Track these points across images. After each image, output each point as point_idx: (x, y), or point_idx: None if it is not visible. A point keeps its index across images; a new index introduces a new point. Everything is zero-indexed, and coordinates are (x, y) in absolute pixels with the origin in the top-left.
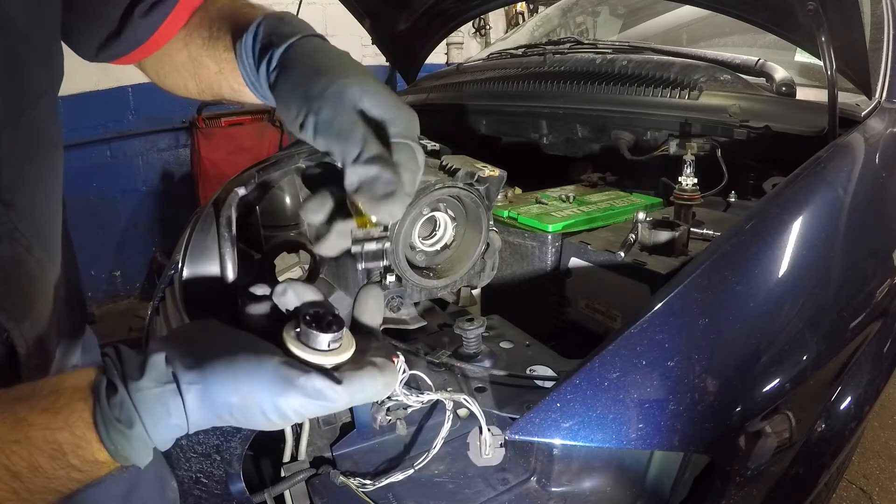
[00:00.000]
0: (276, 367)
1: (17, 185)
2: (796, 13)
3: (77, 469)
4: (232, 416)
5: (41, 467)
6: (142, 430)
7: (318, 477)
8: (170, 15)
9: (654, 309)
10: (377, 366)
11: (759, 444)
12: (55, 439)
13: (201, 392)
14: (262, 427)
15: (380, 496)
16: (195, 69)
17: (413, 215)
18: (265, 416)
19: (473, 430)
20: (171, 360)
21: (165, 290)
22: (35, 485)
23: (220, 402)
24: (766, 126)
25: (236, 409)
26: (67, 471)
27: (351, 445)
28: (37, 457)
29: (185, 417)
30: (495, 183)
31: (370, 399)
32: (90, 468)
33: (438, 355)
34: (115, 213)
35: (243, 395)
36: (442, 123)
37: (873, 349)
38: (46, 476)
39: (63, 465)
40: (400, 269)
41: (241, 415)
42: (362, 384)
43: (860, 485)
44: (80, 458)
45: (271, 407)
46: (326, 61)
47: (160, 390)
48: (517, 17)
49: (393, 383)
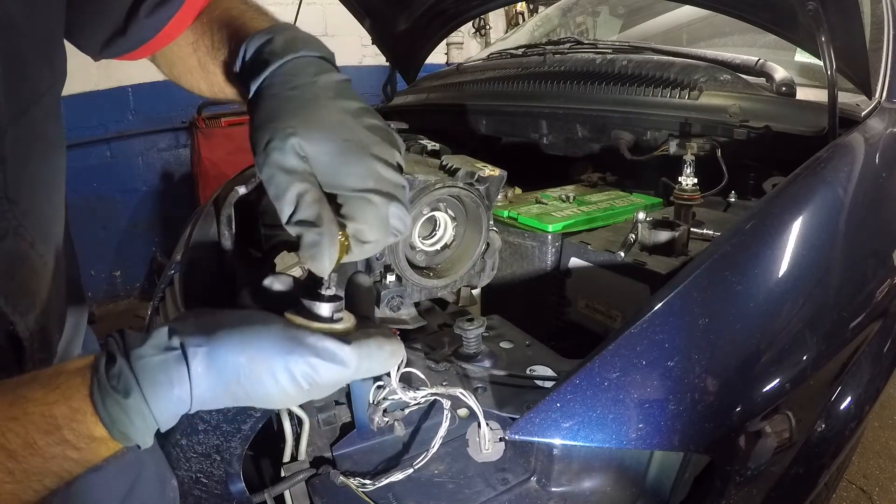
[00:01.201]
0: (284, 328)
1: (21, 182)
2: (796, 13)
3: (72, 446)
4: (240, 382)
5: (36, 444)
6: (140, 401)
7: (318, 477)
8: (175, 15)
9: (654, 309)
10: (383, 335)
11: (759, 444)
12: (51, 413)
13: (207, 355)
14: (272, 398)
15: (380, 496)
16: (206, 74)
17: (413, 215)
18: (275, 380)
19: (472, 426)
20: (175, 330)
21: (165, 290)
22: (31, 465)
23: (228, 364)
24: (766, 126)
25: (244, 372)
26: (63, 448)
27: (351, 445)
28: (32, 433)
29: (190, 387)
30: (495, 183)
31: (379, 368)
32: (86, 445)
33: (438, 355)
34: (115, 213)
35: (251, 356)
36: (442, 123)
37: (873, 349)
38: (42, 455)
39: (58, 441)
40: (400, 269)
41: (249, 381)
42: (370, 349)
43: (860, 485)
44: (76, 433)
45: (281, 367)
46: (280, 106)
47: (162, 357)
48: (517, 17)
49: (400, 353)
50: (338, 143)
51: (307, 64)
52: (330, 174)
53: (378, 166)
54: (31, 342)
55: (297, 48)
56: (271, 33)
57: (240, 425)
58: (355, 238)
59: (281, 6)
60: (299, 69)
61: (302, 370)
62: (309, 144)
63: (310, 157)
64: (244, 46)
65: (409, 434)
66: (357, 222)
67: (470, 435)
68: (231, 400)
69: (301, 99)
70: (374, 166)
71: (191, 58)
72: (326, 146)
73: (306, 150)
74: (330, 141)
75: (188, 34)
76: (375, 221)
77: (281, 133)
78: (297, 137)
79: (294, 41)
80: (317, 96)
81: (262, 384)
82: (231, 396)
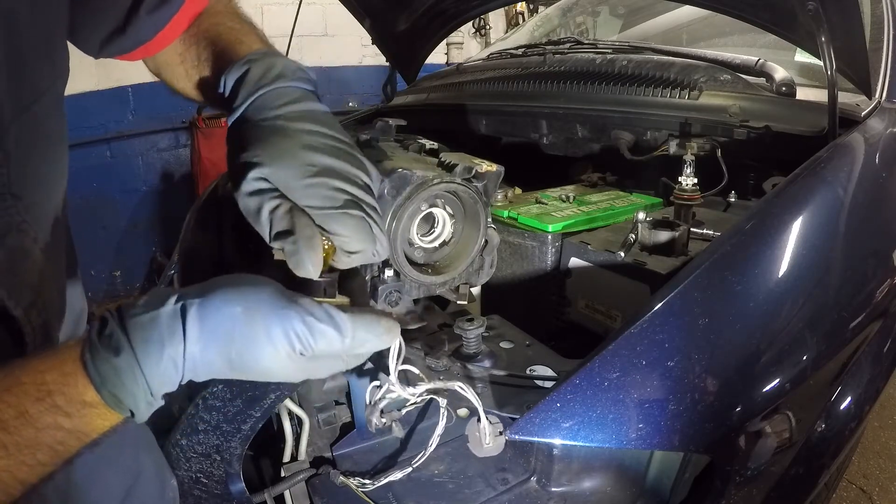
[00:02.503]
0: (280, 288)
1: (25, 178)
2: (796, 13)
3: (64, 412)
4: (234, 340)
5: (28, 413)
6: (131, 359)
7: (318, 477)
8: (174, 17)
9: (654, 309)
10: (377, 312)
11: (759, 444)
12: (42, 380)
13: (201, 307)
14: (265, 363)
15: (380, 496)
16: (192, 84)
17: (411, 211)
18: (269, 339)
19: (472, 421)
20: (170, 291)
21: None
22: (23, 437)
23: (223, 317)
24: (766, 126)
25: (239, 329)
26: (54, 415)
27: (351, 445)
28: (24, 401)
29: (183, 344)
30: (493, 178)
31: (374, 342)
32: (77, 412)
33: (438, 355)
34: (115, 213)
35: (247, 308)
36: (442, 123)
37: (873, 349)
38: (34, 425)
39: (49, 408)
40: (398, 265)
41: (243, 339)
42: (365, 320)
43: (860, 485)
44: (66, 398)
45: (276, 323)
46: (248, 137)
47: (154, 313)
48: (517, 17)
49: (395, 330)
50: (302, 168)
51: (278, 95)
52: (298, 197)
53: (345, 185)
54: (34, 337)
55: (271, 80)
56: (248, 64)
57: (240, 425)
58: (342, 250)
59: (281, 6)
60: (270, 101)
61: (297, 328)
62: (273, 171)
63: (277, 183)
64: (224, 78)
65: (408, 434)
66: (338, 235)
67: (470, 430)
68: (225, 363)
69: (269, 129)
70: (341, 185)
71: (178, 67)
72: (291, 171)
73: (272, 177)
74: (293, 167)
75: (177, 44)
76: (356, 231)
77: (247, 164)
78: (262, 167)
79: (268, 73)
80: (284, 126)
81: (257, 343)
82: (225, 359)
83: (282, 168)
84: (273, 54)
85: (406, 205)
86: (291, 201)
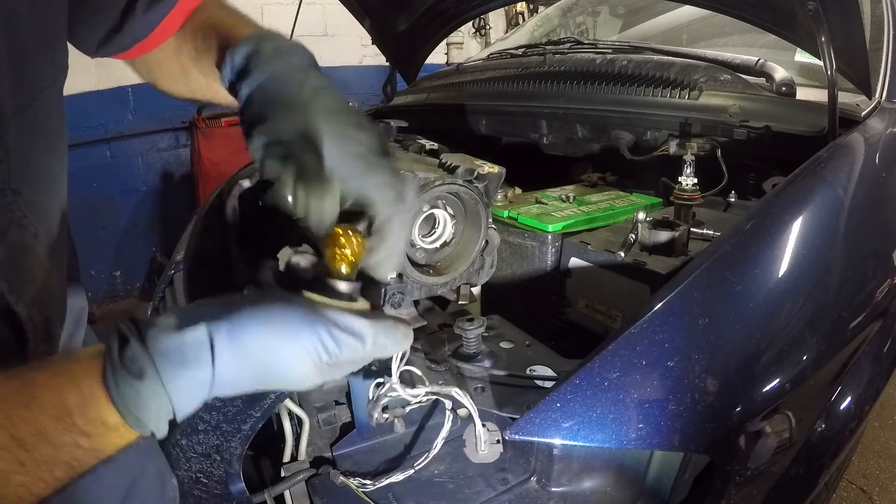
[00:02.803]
0: (304, 302)
1: (25, 174)
2: (796, 13)
3: (83, 433)
4: (262, 357)
5: (46, 431)
6: (156, 383)
7: (318, 477)
8: (169, 13)
9: (654, 309)
10: (394, 318)
11: (759, 444)
12: (61, 399)
13: (231, 334)
14: (292, 374)
15: (380, 496)
16: (187, 79)
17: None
18: (299, 357)
19: (469, 427)
20: (192, 311)
21: (165, 289)
22: (41, 454)
23: (253, 338)
24: (766, 126)
25: (269, 349)
26: (73, 435)
27: (351, 445)
28: (42, 420)
29: (212, 366)
30: (494, 180)
31: (392, 347)
32: (98, 433)
33: (438, 355)
34: (115, 213)
35: (276, 329)
36: (442, 123)
37: (873, 349)
38: (52, 443)
39: (68, 428)
40: (401, 267)
41: (272, 355)
42: (386, 326)
43: (860, 485)
44: (87, 419)
45: (306, 338)
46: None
47: (180, 337)
48: (517, 17)
49: (411, 336)
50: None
51: (295, 70)
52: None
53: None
54: (35, 333)
55: (283, 55)
56: (258, 41)
57: (240, 425)
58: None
59: (281, 6)
60: (288, 75)
61: (325, 341)
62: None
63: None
64: (231, 55)
65: (409, 434)
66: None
67: (467, 436)
68: (251, 379)
69: (292, 102)
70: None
71: (172, 63)
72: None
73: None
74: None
75: (172, 40)
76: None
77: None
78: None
79: (279, 49)
80: (308, 98)
81: (286, 361)
82: (252, 374)
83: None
84: (277, 35)
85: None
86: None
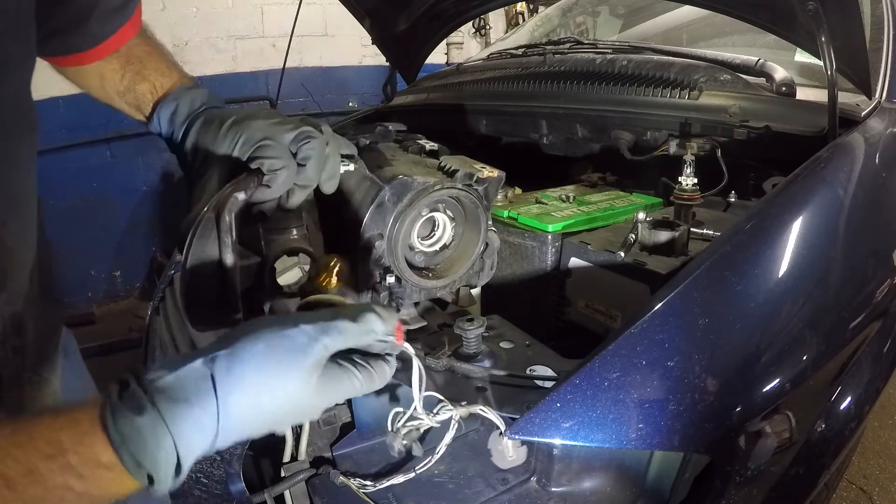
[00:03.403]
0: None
1: None
2: (796, 13)
3: (76, 473)
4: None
5: (37, 470)
6: (155, 416)
7: (318, 477)
8: (120, 28)
9: (654, 309)
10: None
11: (759, 444)
12: (57, 438)
13: (229, 357)
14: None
15: (380, 496)
16: (111, 102)
17: (412, 217)
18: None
19: (493, 435)
20: (189, 352)
21: (165, 290)
22: (28, 495)
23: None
24: (766, 126)
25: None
26: (65, 476)
27: (351, 445)
28: (34, 458)
29: (215, 397)
30: (494, 184)
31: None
32: (91, 473)
33: (438, 355)
34: (115, 213)
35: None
36: (442, 123)
37: (873, 349)
38: (42, 483)
39: (61, 467)
40: (399, 270)
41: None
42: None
43: (860, 485)
44: (81, 458)
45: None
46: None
47: (177, 372)
48: (517, 17)
49: (390, 315)
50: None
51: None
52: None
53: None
54: (4, 325)
55: (200, 107)
56: (176, 100)
57: None
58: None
59: (281, 6)
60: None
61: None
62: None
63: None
64: (157, 112)
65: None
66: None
67: (492, 445)
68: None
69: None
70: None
71: (96, 87)
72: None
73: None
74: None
75: (100, 63)
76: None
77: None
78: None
79: (194, 101)
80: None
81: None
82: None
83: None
84: (193, 87)
85: (407, 211)
86: None
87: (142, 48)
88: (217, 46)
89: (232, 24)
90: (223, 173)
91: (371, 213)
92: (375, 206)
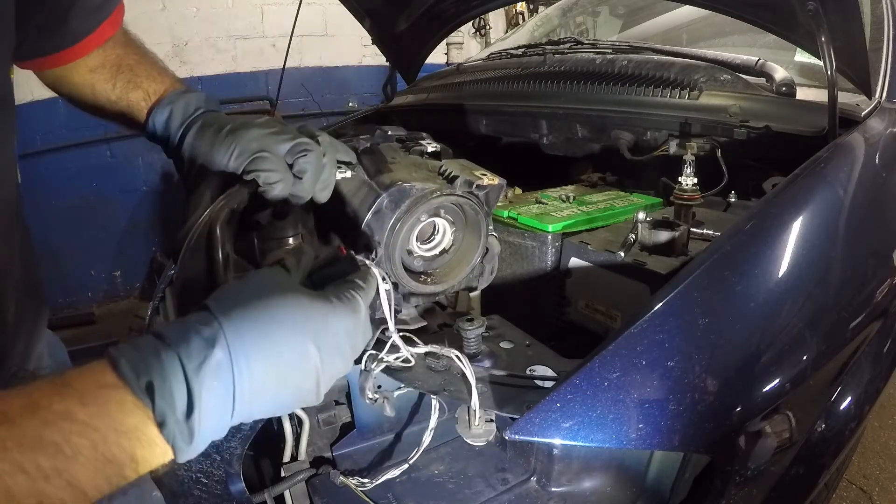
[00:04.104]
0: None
1: None
2: (796, 13)
3: (79, 399)
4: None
5: (37, 402)
6: (163, 346)
7: (318, 477)
8: (100, 26)
9: (654, 309)
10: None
11: (759, 444)
12: (60, 377)
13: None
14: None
15: (380, 496)
16: (96, 107)
17: (410, 224)
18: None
19: (462, 406)
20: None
21: (165, 290)
22: (27, 426)
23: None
24: (766, 126)
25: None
26: (66, 403)
27: (351, 445)
28: (35, 394)
29: (224, 338)
30: (495, 191)
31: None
32: (94, 396)
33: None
34: (115, 213)
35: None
36: (442, 123)
37: (873, 349)
38: (42, 417)
39: (61, 394)
40: (396, 276)
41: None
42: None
43: (860, 485)
44: (83, 382)
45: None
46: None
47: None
48: (517, 17)
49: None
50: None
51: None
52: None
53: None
54: None
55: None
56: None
57: (239, 425)
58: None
59: (281, 6)
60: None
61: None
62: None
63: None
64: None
65: (407, 434)
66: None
67: (459, 413)
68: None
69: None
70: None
71: (84, 85)
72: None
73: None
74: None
75: (87, 59)
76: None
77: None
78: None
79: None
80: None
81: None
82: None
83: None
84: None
85: (405, 218)
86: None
87: (132, 56)
88: (217, 46)
89: (232, 24)
90: (218, 183)
91: (368, 220)
92: (373, 213)
